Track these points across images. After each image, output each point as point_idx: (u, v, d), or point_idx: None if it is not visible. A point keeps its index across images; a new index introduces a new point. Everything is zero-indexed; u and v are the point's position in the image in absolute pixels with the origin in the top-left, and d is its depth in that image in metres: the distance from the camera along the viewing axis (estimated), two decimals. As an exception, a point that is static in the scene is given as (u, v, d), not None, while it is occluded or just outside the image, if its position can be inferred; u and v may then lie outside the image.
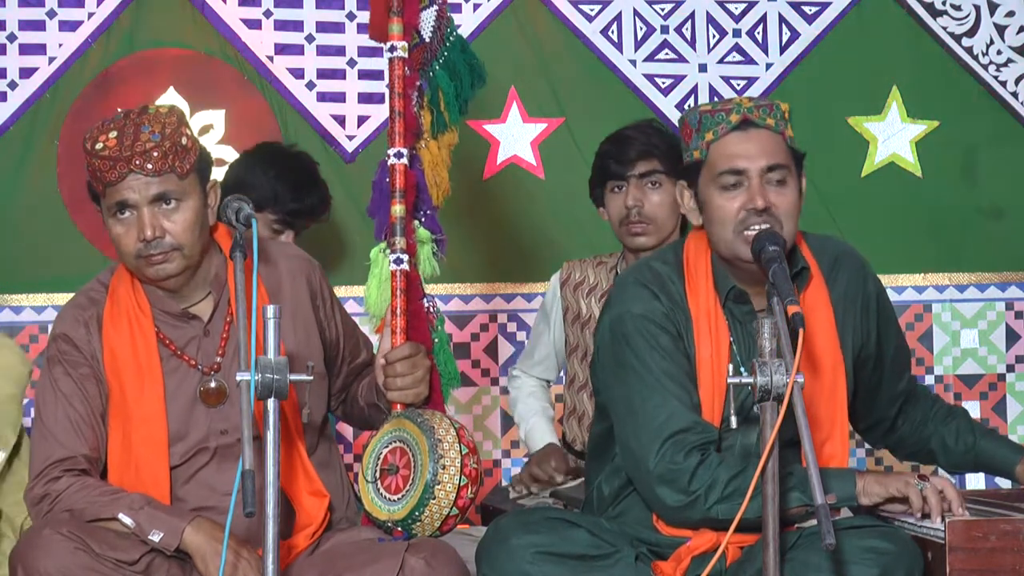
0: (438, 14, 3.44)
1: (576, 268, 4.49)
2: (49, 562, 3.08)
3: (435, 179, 3.45)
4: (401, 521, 3.23)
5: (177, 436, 3.32)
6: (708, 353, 3.28)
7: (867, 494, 3.18)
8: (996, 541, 3.07)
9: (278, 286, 3.43)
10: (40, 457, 3.30)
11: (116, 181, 3.23)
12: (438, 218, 3.47)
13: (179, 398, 3.34)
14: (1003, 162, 5.48)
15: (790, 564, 3.05)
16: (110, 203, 3.26)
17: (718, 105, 3.28)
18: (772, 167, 3.24)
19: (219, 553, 3.11)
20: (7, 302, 4.95)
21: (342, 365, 3.55)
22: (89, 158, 3.25)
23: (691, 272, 3.34)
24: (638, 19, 5.34)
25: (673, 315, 3.30)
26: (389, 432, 3.30)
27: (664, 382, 3.24)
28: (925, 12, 5.45)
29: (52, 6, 5.00)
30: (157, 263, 3.27)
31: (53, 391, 3.34)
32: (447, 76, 3.47)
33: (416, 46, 3.43)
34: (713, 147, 3.25)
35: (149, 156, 3.21)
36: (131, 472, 3.30)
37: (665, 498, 3.19)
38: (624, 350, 3.29)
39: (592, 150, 4.44)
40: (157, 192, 3.24)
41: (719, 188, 3.25)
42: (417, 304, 3.41)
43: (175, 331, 3.37)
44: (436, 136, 3.47)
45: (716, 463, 3.17)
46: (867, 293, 3.43)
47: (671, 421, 3.20)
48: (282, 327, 3.26)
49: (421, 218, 3.45)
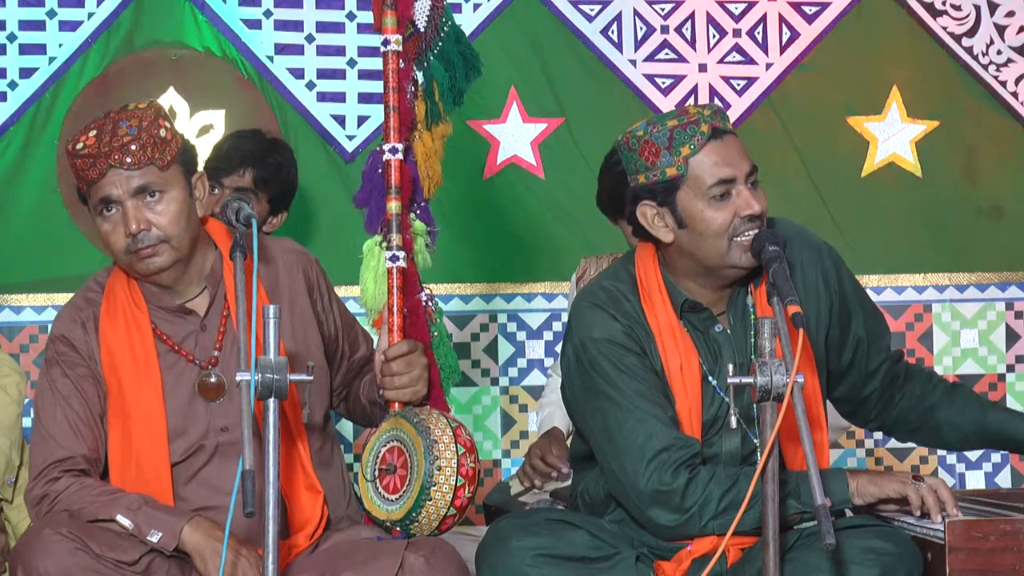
0: (433, 3, 3.41)
1: (592, 264, 4.50)
2: (49, 562, 3.08)
3: (427, 171, 3.43)
4: (399, 521, 3.23)
5: (177, 432, 3.32)
6: (678, 365, 3.25)
7: (861, 494, 3.17)
8: (996, 541, 3.07)
9: (275, 281, 3.43)
10: (39, 458, 3.31)
11: (97, 178, 3.25)
12: (431, 210, 3.46)
13: (177, 393, 3.34)
14: (1003, 162, 5.48)
15: (790, 564, 3.05)
16: (95, 201, 3.28)
17: (680, 119, 3.21)
18: (753, 170, 3.22)
19: (218, 552, 3.11)
20: (7, 302, 4.95)
21: (342, 360, 3.55)
22: (71, 159, 3.28)
23: (644, 288, 3.30)
24: (638, 19, 5.34)
25: (634, 333, 3.26)
26: (387, 431, 3.30)
27: (637, 402, 3.20)
28: (925, 12, 5.45)
29: (52, 6, 5.00)
30: (146, 257, 3.27)
31: (52, 392, 3.34)
32: (442, 66, 3.44)
33: (411, 36, 3.40)
34: (693, 161, 3.18)
35: (127, 150, 3.23)
36: (132, 470, 3.30)
37: (659, 519, 3.18)
38: (592, 377, 3.25)
39: (592, 150, 4.45)
40: (139, 184, 3.25)
41: (708, 200, 3.19)
42: (414, 300, 3.41)
43: (172, 327, 3.37)
44: (430, 127, 3.44)
45: (706, 479, 3.15)
46: (824, 269, 3.35)
47: (652, 441, 3.17)
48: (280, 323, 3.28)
49: (416, 211, 3.44)
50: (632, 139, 3.24)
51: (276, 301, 3.36)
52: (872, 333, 3.44)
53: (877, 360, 3.45)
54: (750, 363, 3.05)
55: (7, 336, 4.92)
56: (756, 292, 3.30)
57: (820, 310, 3.33)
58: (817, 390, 3.28)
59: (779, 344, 2.90)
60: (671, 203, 3.22)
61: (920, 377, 3.52)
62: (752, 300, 3.31)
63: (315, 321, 3.47)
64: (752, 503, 2.98)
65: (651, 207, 3.25)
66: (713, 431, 3.26)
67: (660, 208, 3.24)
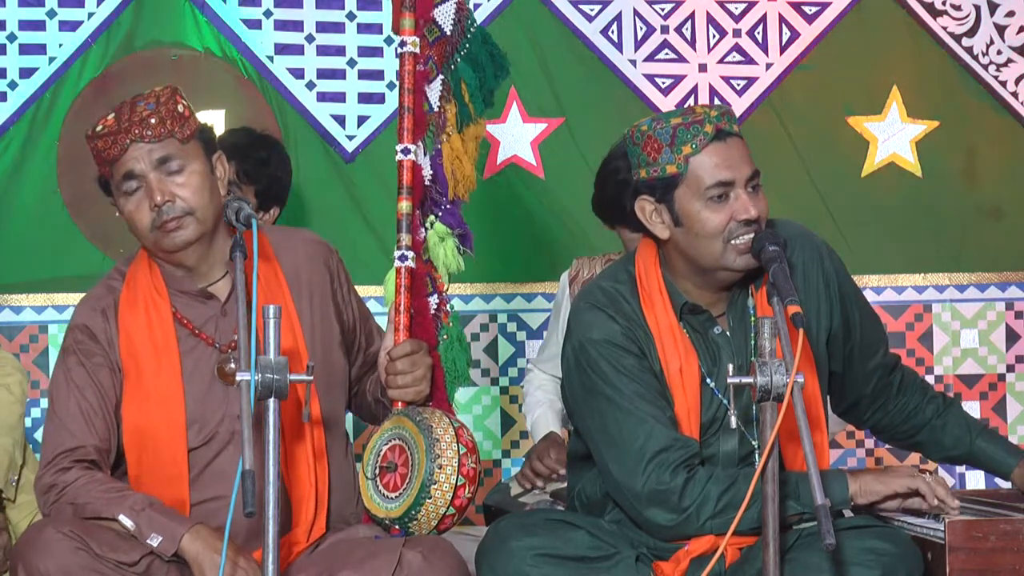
0: (457, 7, 3.43)
1: (585, 265, 4.50)
2: (50, 561, 3.08)
3: (456, 173, 3.44)
4: (398, 519, 3.24)
5: (194, 416, 3.33)
6: (677, 367, 3.25)
7: (865, 493, 3.17)
8: (996, 541, 3.07)
9: (297, 270, 3.45)
10: (51, 446, 3.32)
11: (120, 154, 3.27)
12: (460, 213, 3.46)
13: (196, 377, 3.35)
14: (1003, 162, 5.49)
15: (790, 565, 3.05)
16: (117, 179, 3.30)
17: (685, 117, 3.21)
18: (754, 174, 3.22)
19: (216, 564, 3.11)
20: (7, 302, 4.95)
21: (358, 353, 3.56)
22: (92, 143, 3.31)
23: (644, 289, 3.30)
24: (638, 19, 5.34)
25: (633, 334, 3.26)
26: (389, 429, 3.31)
27: (637, 403, 3.21)
28: (925, 12, 5.45)
29: (52, 6, 5.00)
30: (172, 230, 3.29)
31: (66, 381, 3.36)
32: (470, 68, 3.46)
33: (438, 40, 3.42)
34: (694, 160, 3.19)
35: (147, 123, 3.27)
36: (149, 453, 3.32)
37: (656, 519, 3.18)
38: (591, 378, 3.26)
39: (592, 150, 4.45)
40: (160, 156, 3.28)
41: (706, 201, 3.19)
42: (422, 301, 3.41)
43: (193, 311, 3.39)
44: (461, 129, 3.46)
45: (705, 479, 3.16)
46: (826, 271, 3.35)
47: (650, 441, 3.17)
48: (300, 310, 3.36)
49: (438, 213, 3.44)
50: (637, 133, 3.25)
51: (298, 291, 3.41)
52: (869, 336, 3.44)
53: (872, 364, 3.45)
54: (750, 364, 3.05)
55: (7, 336, 4.92)
56: (757, 294, 3.30)
57: (821, 310, 3.33)
58: (817, 391, 3.29)
59: (779, 344, 2.90)
60: (669, 200, 3.23)
61: (915, 390, 3.52)
62: (753, 302, 3.31)
63: (335, 311, 3.49)
64: (751, 503, 2.98)
65: (649, 202, 3.26)
66: (711, 432, 3.27)
67: (658, 204, 3.24)
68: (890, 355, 3.51)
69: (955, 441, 3.50)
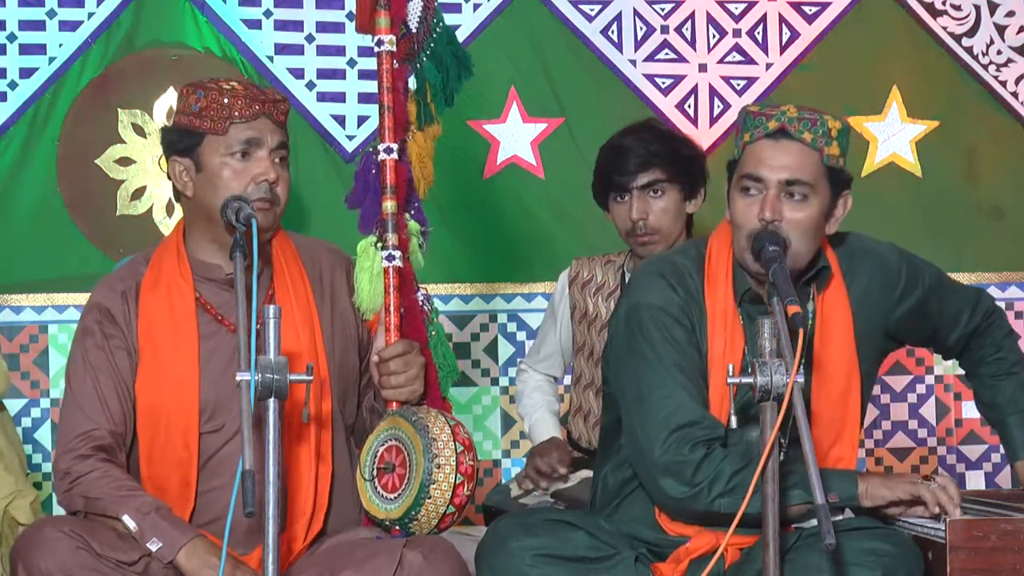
0: (424, 4, 3.43)
1: (584, 266, 4.48)
2: (50, 560, 3.09)
3: (421, 171, 3.45)
4: (398, 520, 3.24)
5: (208, 400, 3.34)
6: (721, 351, 3.27)
7: (871, 497, 3.18)
8: (996, 541, 3.07)
9: (320, 274, 3.50)
10: (67, 428, 3.34)
11: (250, 118, 3.34)
12: (424, 210, 3.48)
13: (214, 361, 3.36)
14: (1003, 162, 5.48)
15: (790, 565, 3.05)
16: (233, 140, 3.33)
17: (766, 108, 3.27)
18: (792, 182, 3.23)
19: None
20: (7, 302, 4.95)
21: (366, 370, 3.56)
22: (212, 95, 3.34)
23: (711, 269, 3.34)
24: (638, 19, 5.34)
25: (688, 309, 3.30)
26: (385, 430, 3.31)
27: (674, 374, 3.24)
28: (925, 12, 5.45)
29: (52, 6, 5.00)
30: (264, 210, 3.33)
31: (83, 363, 3.38)
32: (434, 67, 3.46)
33: (403, 37, 3.43)
34: (747, 149, 3.26)
35: (279, 107, 3.39)
36: (162, 436, 3.33)
37: (668, 489, 3.20)
38: (637, 339, 3.29)
39: (592, 150, 4.44)
40: (281, 140, 3.38)
41: (740, 190, 3.26)
42: (411, 300, 3.42)
43: (217, 297, 3.41)
44: (422, 128, 3.46)
45: (721, 457, 3.17)
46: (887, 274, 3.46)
47: (678, 413, 3.20)
48: (320, 314, 3.42)
49: (411, 211, 3.45)
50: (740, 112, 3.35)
51: (320, 294, 3.46)
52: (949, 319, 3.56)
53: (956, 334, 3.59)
54: None
55: (7, 336, 4.92)
56: (819, 298, 3.31)
57: (874, 319, 3.38)
58: (854, 395, 3.33)
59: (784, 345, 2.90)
60: (729, 183, 3.32)
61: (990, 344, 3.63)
62: (813, 307, 3.32)
63: (354, 319, 3.51)
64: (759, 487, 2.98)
65: (727, 180, 3.34)
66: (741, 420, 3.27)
67: (728, 183, 3.33)
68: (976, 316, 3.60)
69: (992, 406, 3.62)
